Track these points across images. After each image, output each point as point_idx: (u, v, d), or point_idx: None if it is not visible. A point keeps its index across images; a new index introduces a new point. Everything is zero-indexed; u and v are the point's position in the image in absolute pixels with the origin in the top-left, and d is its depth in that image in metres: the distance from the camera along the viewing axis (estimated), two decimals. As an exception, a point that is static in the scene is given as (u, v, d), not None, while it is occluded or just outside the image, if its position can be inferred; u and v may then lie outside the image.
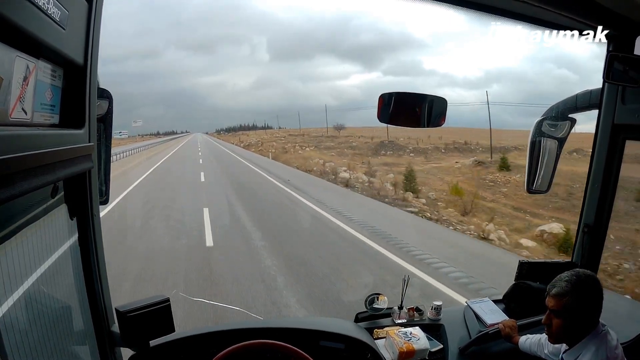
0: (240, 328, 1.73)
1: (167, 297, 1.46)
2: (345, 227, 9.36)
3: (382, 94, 1.44)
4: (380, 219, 10.88)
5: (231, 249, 7.35)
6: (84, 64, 1.09)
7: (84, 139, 1.13)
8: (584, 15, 1.48)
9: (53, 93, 1.01)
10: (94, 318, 1.37)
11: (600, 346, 1.37)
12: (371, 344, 1.76)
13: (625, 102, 1.70)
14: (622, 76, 1.57)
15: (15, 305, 1.01)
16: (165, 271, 6.08)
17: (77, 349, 1.38)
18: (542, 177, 1.96)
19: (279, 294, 5.38)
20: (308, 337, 1.74)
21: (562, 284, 1.39)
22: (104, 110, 1.38)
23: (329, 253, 7.38)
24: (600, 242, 1.94)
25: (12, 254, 0.96)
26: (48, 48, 0.91)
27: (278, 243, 7.71)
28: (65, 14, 0.93)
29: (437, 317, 2.00)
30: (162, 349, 1.60)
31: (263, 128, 63.63)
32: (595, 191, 1.88)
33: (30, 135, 0.89)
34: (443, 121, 1.47)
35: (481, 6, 1.50)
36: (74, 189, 1.21)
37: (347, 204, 12.46)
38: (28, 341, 1.01)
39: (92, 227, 1.30)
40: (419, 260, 7.07)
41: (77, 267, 1.31)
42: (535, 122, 1.96)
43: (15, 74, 0.82)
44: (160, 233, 8.26)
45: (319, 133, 42.99)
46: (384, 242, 8.12)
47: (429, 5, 1.50)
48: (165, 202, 11.45)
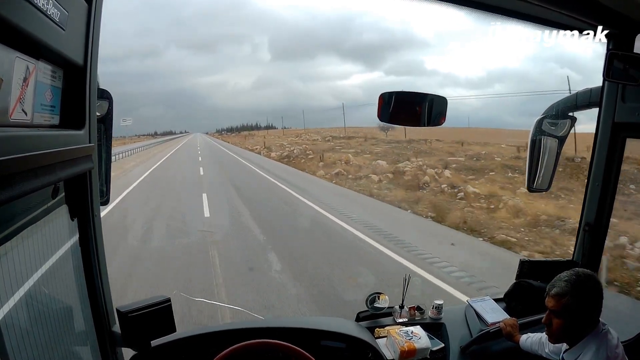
0: (241, 328, 1.73)
1: (168, 297, 1.46)
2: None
3: (383, 93, 1.44)
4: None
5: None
6: (83, 65, 1.09)
7: (84, 139, 1.13)
8: (584, 14, 1.48)
9: (53, 94, 1.01)
10: (95, 318, 1.37)
11: (600, 345, 1.37)
12: (372, 343, 1.76)
13: (625, 100, 1.70)
14: (622, 74, 1.57)
15: (16, 306, 1.01)
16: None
17: (78, 350, 1.38)
18: (543, 175, 1.97)
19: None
20: (309, 336, 1.74)
21: (562, 283, 1.39)
22: (104, 110, 1.39)
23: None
24: (601, 240, 1.94)
25: (13, 254, 0.96)
26: (48, 49, 0.91)
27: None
28: (65, 15, 0.93)
29: (438, 316, 2.00)
30: (163, 349, 1.60)
31: (267, 128, 59.44)
32: (595, 190, 1.88)
33: (31, 136, 0.89)
34: (443, 120, 1.47)
35: (481, 5, 1.50)
36: (75, 189, 1.22)
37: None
38: (29, 341, 1.01)
39: (93, 228, 1.30)
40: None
41: (78, 267, 1.31)
42: (536, 120, 1.96)
43: (15, 75, 0.82)
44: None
45: (335, 133, 35.57)
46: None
47: (429, 5, 1.51)
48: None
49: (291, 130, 48.21)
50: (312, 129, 42.24)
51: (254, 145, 38.99)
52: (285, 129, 51.82)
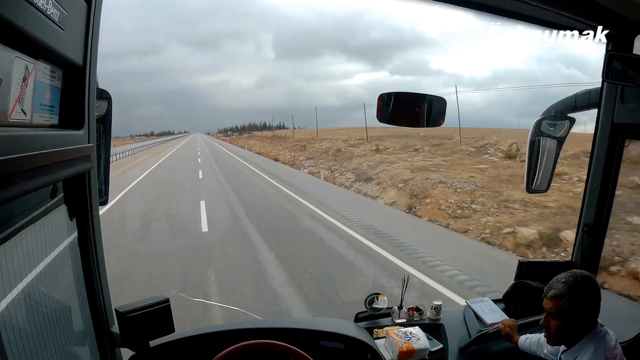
0: (240, 328, 1.73)
1: (167, 297, 1.46)
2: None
3: (382, 94, 1.44)
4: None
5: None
6: (83, 65, 1.09)
7: (83, 139, 1.13)
8: (583, 15, 1.48)
9: (52, 94, 1.01)
10: (93, 318, 1.37)
11: (599, 347, 1.37)
12: (371, 344, 1.76)
13: (624, 101, 1.70)
14: (621, 75, 1.57)
15: (15, 306, 1.01)
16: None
17: (77, 350, 1.38)
18: (542, 176, 1.96)
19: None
20: (308, 337, 1.74)
21: (559, 285, 1.38)
22: (104, 110, 1.38)
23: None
24: (600, 241, 1.94)
25: (12, 254, 0.96)
26: (47, 49, 0.91)
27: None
28: (64, 15, 0.93)
29: (436, 317, 2.00)
30: (162, 349, 1.60)
31: (279, 128, 53.40)
32: (594, 190, 1.88)
33: (30, 136, 0.89)
34: (442, 121, 1.47)
35: (480, 6, 1.50)
36: (74, 189, 1.21)
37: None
38: (28, 342, 1.01)
39: (92, 228, 1.30)
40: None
41: (77, 267, 1.31)
42: (535, 121, 1.96)
43: (15, 75, 0.82)
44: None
45: (358, 134, 26.63)
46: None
47: (430, 5, 1.50)
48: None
49: (303, 131, 42.16)
50: (348, 129, 33.18)
51: (305, 158, 20.21)
52: (296, 129, 45.97)
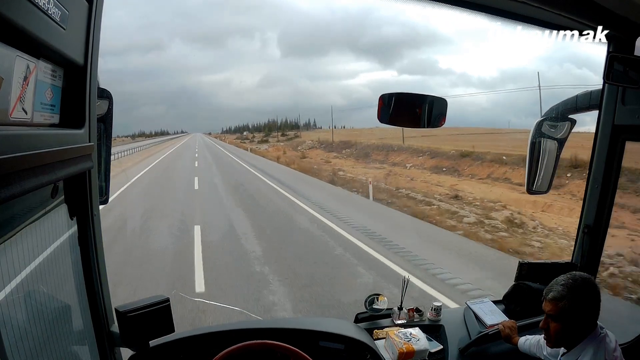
0: (239, 328, 1.73)
1: (167, 297, 1.46)
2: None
3: (382, 94, 1.44)
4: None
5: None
6: (84, 64, 1.09)
7: (84, 138, 1.13)
8: (584, 16, 1.48)
9: (53, 93, 1.01)
10: (93, 318, 1.37)
11: (598, 349, 1.36)
12: (371, 345, 1.76)
13: (625, 103, 1.70)
14: (622, 77, 1.57)
15: (15, 305, 1.01)
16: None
17: (77, 349, 1.37)
18: (542, 177, 1.96)
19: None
20: (307, 337, 1.74)
21: (559, 287, 1.38)
22: (104, 110, 1.38)
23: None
24: (600, 243, 1.94)
25: (12, 253, 0.96)
26: (48, 48, 0.91)
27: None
28: (65, 14, 0.93)
29: (436, 318, 2.00)
30: (162, 349, 1.60)
31: (315, 127, 41.32)
32: (595, 192, 1.88)
33: (31, 135, 0.89)
34: (443, 122, 1.47)
35: (480, 6, 1.50)
36: (74, 188, 1.21)
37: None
38: (28, 341, 1.01)
39: (92, 227, 1.30)
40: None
41: (77, 267, 1.31)
42: (535, 122, 1.96)
43: (16, 74, 0.82)
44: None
45: (384, 134, 22.10)
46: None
47: (430, 6, 1.50)
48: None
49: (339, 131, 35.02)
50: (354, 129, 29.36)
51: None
52: (338, 128, 39.82)
